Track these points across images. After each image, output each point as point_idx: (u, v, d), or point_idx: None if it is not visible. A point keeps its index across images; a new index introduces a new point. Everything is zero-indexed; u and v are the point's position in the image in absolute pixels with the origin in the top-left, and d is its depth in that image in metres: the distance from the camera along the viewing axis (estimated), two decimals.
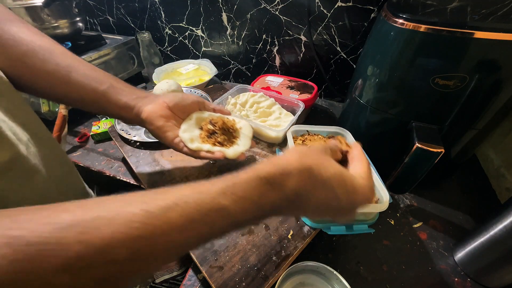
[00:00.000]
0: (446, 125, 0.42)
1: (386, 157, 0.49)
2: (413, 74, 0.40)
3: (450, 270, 0.40)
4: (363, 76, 0.48)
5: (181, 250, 0.19)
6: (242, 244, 0.37)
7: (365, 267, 0.40)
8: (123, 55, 0.82)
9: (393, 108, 0.45)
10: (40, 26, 0.67)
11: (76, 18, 0.74)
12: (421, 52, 0.38)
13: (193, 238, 0.19)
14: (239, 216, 0.20)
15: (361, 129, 0.51)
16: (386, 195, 0.37)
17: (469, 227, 0.46)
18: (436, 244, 0.44)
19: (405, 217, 0.48)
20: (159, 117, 0.37)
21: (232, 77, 0.97)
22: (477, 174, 0.57)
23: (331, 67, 0.77)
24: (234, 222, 0.21)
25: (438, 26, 0.35)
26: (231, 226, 0.21)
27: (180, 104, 0.40)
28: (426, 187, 0.52)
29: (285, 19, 0.74)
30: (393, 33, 0.40)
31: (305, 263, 0.35)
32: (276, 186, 0.22)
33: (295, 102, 0.60)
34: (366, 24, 0.66)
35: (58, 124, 0.57)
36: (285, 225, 0.40)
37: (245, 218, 0.21)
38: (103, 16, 0.99)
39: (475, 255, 0.38)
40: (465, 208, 0.50)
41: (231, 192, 0.20)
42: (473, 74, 0.36)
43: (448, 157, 0.46)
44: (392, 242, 0.44)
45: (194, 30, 0.89)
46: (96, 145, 0.63)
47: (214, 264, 0.35)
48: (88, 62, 0.37)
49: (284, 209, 0.23)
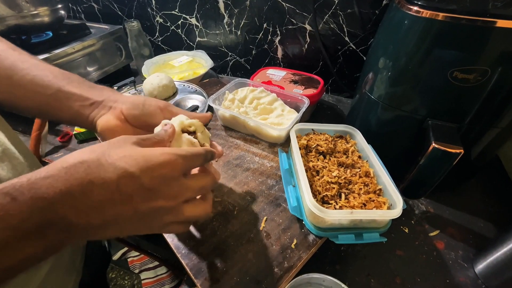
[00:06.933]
0: (465, 123, 0.42)
1: (399, 158, 0.49)
2: (429, 67, 0.40)
3: (470, 283, 0.40)
4: (374, 69, 0.48)
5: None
6: (240, 254, 0.37)
7: (376, 280, 0.40)
8: (109, 46, 0.82)
9: (407, 104, 0.45)
10: (18, 14, 0.67)
11: (58, 5, 0.74)
12: (438, 43, 0.38)
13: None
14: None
15: (372, 128, 0.51)
16: (399, 200, 0.37)
17: (491, 236, 0.46)
18: (454, 254, 0.44)
19: (420, 224, 0.48)
20: (114, 133, 0.33)
21: (230, 70, 0.97)
22: (499, 177, 0.57)
23: (338, 59, 0.77)
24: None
25: (457, 14, 0.35)
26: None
27: (140, 118, 0.35)
28: (443, 191, 0.52)
29: (288, 6, 0.74)
30: (407, 22, 0.40)
31: (310, 275, 0.35)
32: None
33: (299, 98, 0.60)
34: (377, 12, 0.66)
35: (37, 122, 0.57)
36: (288, 234, 0.40)
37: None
38: (87, 3, 0.99)
39: (498, 267, 0.38)
40: (486, 214, 0.50)
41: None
42: (495, 67, 0.36)
43: (468, 159, 0.46)
44: (406, 252, 0.44)
45: (187, 18, 0.89)
46: (80, 145, 0.63)
47: (209, 277, 0.35)
48: (70, 54, 0.36)
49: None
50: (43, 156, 0.60)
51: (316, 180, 0.41)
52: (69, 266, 0.40)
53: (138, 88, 0.70)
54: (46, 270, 0.34)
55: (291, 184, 0.43)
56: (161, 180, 0.23)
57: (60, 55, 0.68)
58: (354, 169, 0.44)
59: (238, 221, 0.41)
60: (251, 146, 0.56)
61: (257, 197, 0.45)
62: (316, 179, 0.42)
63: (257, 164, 0.51)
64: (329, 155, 0.47)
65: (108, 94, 0.35)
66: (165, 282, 1.12)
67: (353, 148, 0.47)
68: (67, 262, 0.39)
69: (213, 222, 0.41)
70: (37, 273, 0.33)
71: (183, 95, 0.69)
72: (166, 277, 1.14)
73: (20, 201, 0.18)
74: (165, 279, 1.13)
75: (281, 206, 0.44)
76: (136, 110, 0.35)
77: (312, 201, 0.35)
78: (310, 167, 0.43)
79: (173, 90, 0.69)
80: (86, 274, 0.44)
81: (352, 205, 0.38)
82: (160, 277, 1.14)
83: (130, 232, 0.24)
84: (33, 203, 0.18)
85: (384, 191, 0.40)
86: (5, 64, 0.32)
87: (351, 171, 0.43)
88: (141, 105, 0.35)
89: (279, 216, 0.42)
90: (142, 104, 0.35)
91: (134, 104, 0.35)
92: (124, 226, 0.23)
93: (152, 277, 1.14)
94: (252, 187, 0.47)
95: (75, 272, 0.41)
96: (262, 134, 0.55)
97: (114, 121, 0.33)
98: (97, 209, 0.20)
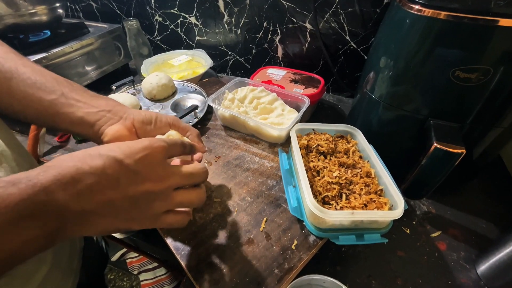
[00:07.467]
0: (467, 123, 0.42)
1: (401, 158, 0.49)
2: (431, 67, 0.40)
3: (472, 284, 0.40)
4: (375, 68, 0.48)
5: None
6: (240, 255, 0.37)
7: (378, 281, 0.40)
8: (108, 45, 0.82)
9: (409, 104, 0.45)
10: (15, 12, 0.67)
11: (56, 3, 0.74)
12: (440, 42, 0.38)
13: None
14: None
15: (373, 128, 0.51)
16: (401, 201, 0.37)
17: (493, 237, 0.46)
18: (456, 255, 0.44)
19: (422, 225, 0.48)
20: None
21: (230, 69, 0.97)
22: (502, 178, 0.57)
23: (339, 58, 0.77)
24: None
25: (459, 13, 0.35)
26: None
27: (151, 133, 0.36)
28: (445, 192, 0.52)
29: (288, 4, 0.74)
30: (409, 21, 0.40)
31: (311, 276, 0.35)
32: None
33: (299, 98, 0.60)
34: (378, 11, 0.66)
35: None
36: (289, 234, 0.40)
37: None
38: (85, 2, 0.99)
39: (500, 268, 0.38)
40: (488, 215, 0.50)
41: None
42: (497, 67, 0.36)
43: (470, 159, 0.46)
44: (407, 253, 0.44)
45: (187, 17, 0.89)
46: (78, 146, 0.63)
47: (209, 278, 0.35)
48: (68, 53, 0.36)
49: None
50: (41, 156, 0.60)
51: (317, 181, 0.41)
52: (67, 269, 0.40)
53: (137, 87, 0.70)
54: (44, 272, 0.34)
55: (291, 185, 0.43)
56: (145, 162, 0.24)
57: (58, 54, 0.68)
58: (355, 169, 0.44)
59: (238, 222, 0.41)
60: (251, 146, 0.56)
61: (257, 198, 0.45)
62: (317, 179, 0.41)
63: (257, 164, 0.51)
64: (330, 155, 0.47)
65: (114, 104, 0.36)
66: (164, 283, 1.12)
67: (354, 148, 0.47)
68: (65, 265, 0.39)
69: (212, 223, 0.41)
70: (35, 276, 0.33)
71: (182, 94, 0.69)
72: (165, 279, 1.14)
73: (18, 186, 0.19)
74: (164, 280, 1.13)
75: (282, 206, 0.44)
76: (149, 125, 0.36)
77: (313, 202, 0.35)
78: (311, 167, 0.43)
79: (172, 90, 0.69)
80: (84, 275, 0.44)
81: (353, 205, 0.37)
82: (159, 278, 1.14)
83: (125, 222, 0.25)
84: (28, 188, 0.19)
85: (385, 191, 0.40)
86: (5, 67, 0.32)
87: (352, 171, 0.43)
88: (153, 120, 0.36)
89: (280, 217, 0.42)
90: (154, 119, 0.37)
91: (147, 118, 0.36)
92: (118, 214, 0.24)
93: (151, 278, 1.14)
94: (252, 188, 0.47)
95: (73, 274, 0.41)
96: (262, 134, 0.55)
97: (124, 131, 0.34)
98: (87, 193, 0.22)
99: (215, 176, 0.49)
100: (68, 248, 0.41)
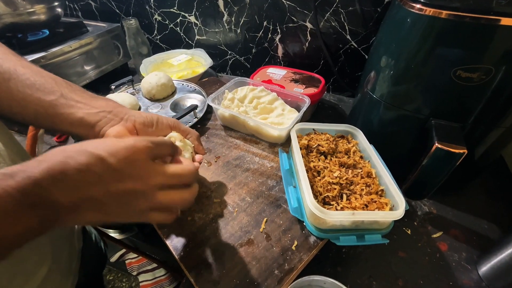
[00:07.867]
0: (469, 123, 0.42)
1: (402, 158, 0.49)
2: (432, 66, 0.40)
3: (474, 285, 0.40)
4: (376, 68, 0.48)
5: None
6: (240, 256, 0.37)
7: (378, 282, 0.40)
8: (107, 45, 0.82)
9: (410, 103, 0.45)
10: (14, 11, 0.67)
11: (54, 2, 0.74)
12: (442, 41, 0.38)
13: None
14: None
15: (374, 127, 0.51)
16: (402, 201, 0.37)
17: (495, 237, 0.46)
18: (458, 256, 0.44)
19: (423, 226, 0.48)
20: None
21: (230, 69, 0.97)
22: (504, 178, 0.57)
23: (340, 58, 0.77)
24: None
25: (461, 12, 0.35)
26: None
27: (152, 135, 0.37)
28: (446, 192, 0.52)
29: (288, 4, 0.74)
30: (410, 20, 0.40)
31: (311, 277, 0.35)
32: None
33: (299, 97, 0.60)
34: (379, 10, 0.66)
35: None
36: (289, 235, 0.40)
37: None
38: (84, 1, 0.99)
39: (502, 269, 0.38)
40: (490, 215, 0.50)
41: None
42: (499, 66, 0.36)
43: (471, 159, 0.46)
44: (408, 254, 0.44)
45: (186, 16, 0.89)
46: None
47: (208, 279, 0.35)
48: (67, 52, 0.36)
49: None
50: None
51: (317, 181, 0.41)
52: (66, 269, 0.40)
53: (136, 87, 0.70)
54: (43, 273, 0.34)
55: (291, 185, 0.43)
56: (127, 161, 0.25)
57: (57, 53, 0.68)
58: (356, 169, 0.44)
59: (238, 223, 0.41)
60: (251, 146, 0.56)
61: (257, 198, 0.45)
62: (317, 179, 0.42)
63: (257, 165, 0.51)
64: (330, 155, 0.47)
65: (115, 105, 0.36)
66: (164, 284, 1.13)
67: (354, 148, 0.47)
68: (64, 265, 0.39)
69: (212, 223, 0.41)
70: (34, 277, 0.33)
71: (182, 94, 0.69)
72: (164, 279, 1.14)
73: (15, 178, 0.20)
74: (164, 281, 1.13)
75: (282, 207, 0.44)
76: (150, 127, 0.37)
77: (313, 202, 0.35)
78: (311, 168, 0.43)
79: (171, 89, 0.69)
80: (83, 276, 0.44)
81: (354, 206, 0.37)
82: (159, 279, 1.14)
83: (111, 215, 0.26)
84: (24, 180, 0.21)
85: (386, 192, 0.40)
86: (3, 68, 0.32)
87: (352, 172, 0.43)
88: (155, 123, 0.37)
89: (280, 218, 0.42)
90: (155, 121, 0.37)
91: (148, 121, 0.37)
92: (103, 208, 0.25)
93: (151, 279, 1.14)
94: (252, 188, 0.47)
95: (72, 276, 0.41)
96: (262, 134, 0.55)
97: (125, 132, 0.34)
98: (74, 187, 0.23)
99: (215, 176, 0.49)
100: (67, 249, 0.41)
